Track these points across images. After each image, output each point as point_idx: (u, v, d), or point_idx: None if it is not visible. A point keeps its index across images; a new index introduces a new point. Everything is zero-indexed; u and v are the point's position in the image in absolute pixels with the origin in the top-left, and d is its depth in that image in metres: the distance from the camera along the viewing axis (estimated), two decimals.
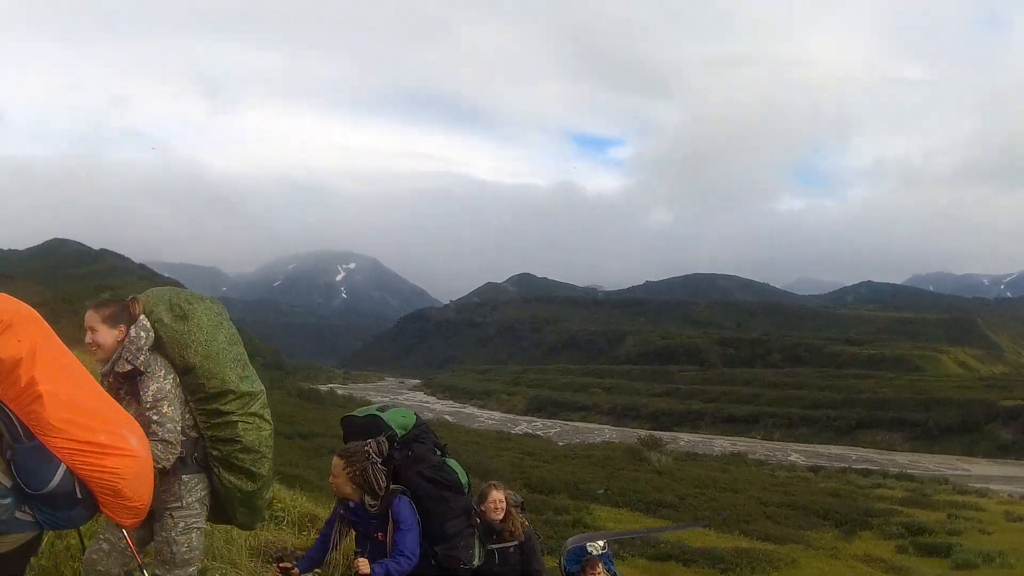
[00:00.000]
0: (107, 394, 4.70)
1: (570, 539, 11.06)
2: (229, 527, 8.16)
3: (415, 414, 6.32)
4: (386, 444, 5.88)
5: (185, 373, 5.08)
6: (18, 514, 4.23)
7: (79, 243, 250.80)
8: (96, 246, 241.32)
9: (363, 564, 5.54)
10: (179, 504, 5.07)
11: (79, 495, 4.31)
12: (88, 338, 5.07)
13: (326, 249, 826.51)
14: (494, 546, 7.20)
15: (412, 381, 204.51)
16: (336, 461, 5.88)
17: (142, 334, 5.01)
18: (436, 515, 5.97)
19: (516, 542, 7.39)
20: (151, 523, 5.10)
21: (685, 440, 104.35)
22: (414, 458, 6.00)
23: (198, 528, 5.18)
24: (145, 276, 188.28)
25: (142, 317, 5.09)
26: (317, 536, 6.47)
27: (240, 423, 5.16)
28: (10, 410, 4.14)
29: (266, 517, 6.08)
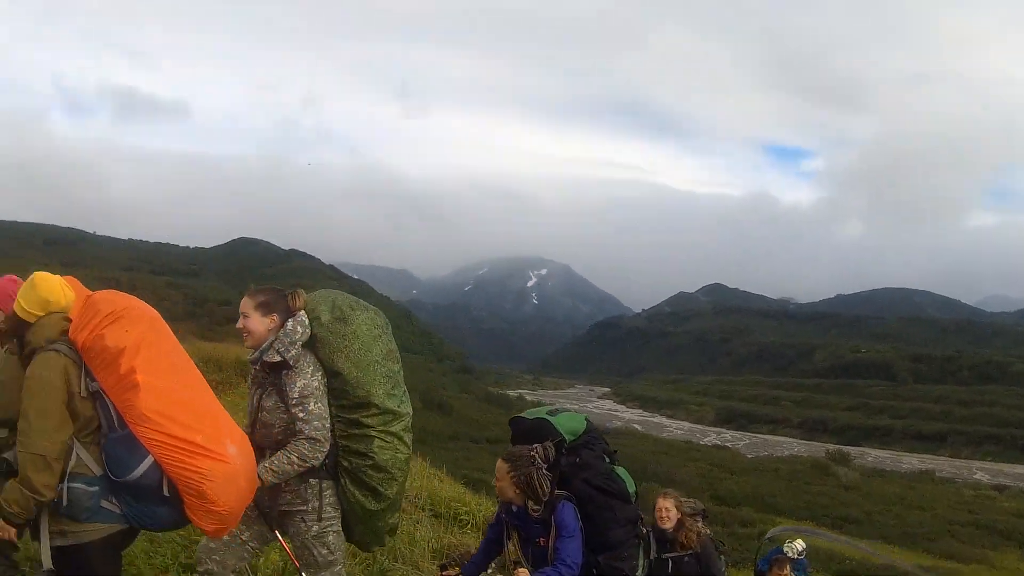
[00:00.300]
0: (218, 403, 4.71)
1: (772, 529, 11.91)
2: (413, 529, 8.66)
3: (586, 419, 6.16)
4: (552, 450, 5.74)
5: (332, 377, 5.02)
6: (104, 503, 4.32)
7: (268, 243, 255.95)
8: (285, 246, 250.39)
9: (523, 574, 5.46)
10: (305, 508, 5.02)
11: (166, 492, 4.32)
12: (240, 323, 5.06)
13: (518, 255, 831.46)
14: (668, 555, 7.29)
15: (601, 389, 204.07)
16: (500, 465, 5.77)
17: (299, 328, 4.98)
18: (600, 523, 5.75)
19: (691, 551, 7.46)
20: (280, 523, 5.15)
21: (873, 456, 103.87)
22: (581, 465, 5.81)
23: (334, 531, 5.12)
24: (335, 278, 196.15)
25: (302, 312, 5.07)
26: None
27: (377, 439, 5.05)
28: (108, 399, 4.26)
29: (386, 544, 6.07)
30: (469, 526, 10.25)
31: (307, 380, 4.91)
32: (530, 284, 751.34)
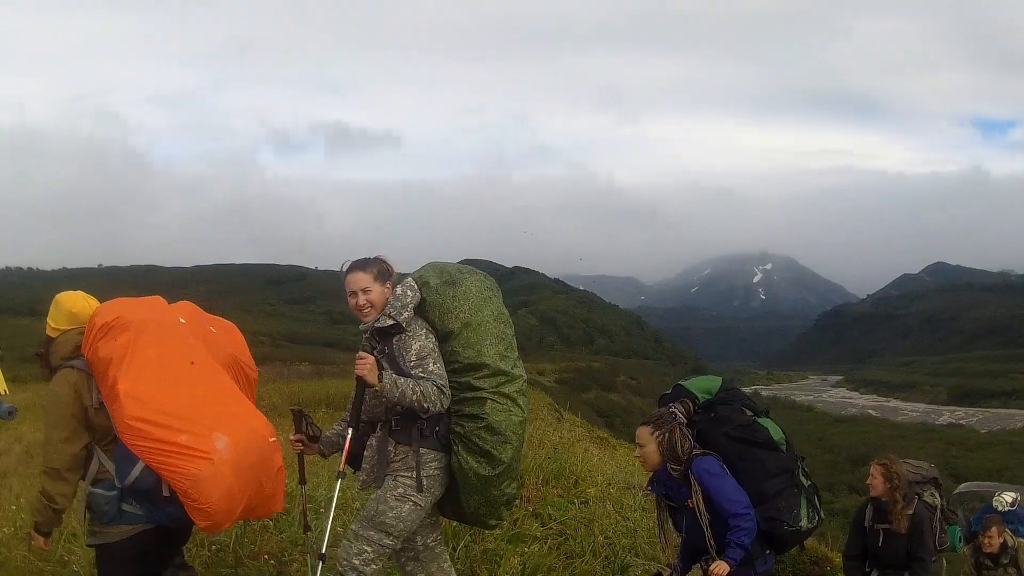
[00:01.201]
0: (225, 391, 4.76)
1: (963, 485, 11.34)
2: (653, 524, 7.77)
3: (722, 379, 5.91)
4: (691, 406, 5.62)
5: (444, 340, 4.87)
6: (125, 507, 4.50)
7: (491, 262, 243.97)
8: (509, 264, 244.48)
9: (719, 567, 5.15)
10: (409, 474, 4.84)
11: (167, 493, 4.40)
12: (360, 300, 4.94)
13: (741, 252, 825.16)
14: (880, 526, 6.94)
15: (834, 378, 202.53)
16: (642, 430, 5.57)
17: (408, 292, 4.90)
18: (750, 476, 5.37)
19: (904, 526, 6.90)
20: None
21: None
22: (717, 419, 5.57)
23: (415, 503, 4.84)
24: (561, 291, 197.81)
25: (410, 279, 4.99)
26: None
27: (490, 401, 4.83)
28: (108, 409, 4.39)
29: (504, 518, 5.48)
30: None
31: (423, 342, 4.79)
32: (756, 280, 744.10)
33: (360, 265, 5.03)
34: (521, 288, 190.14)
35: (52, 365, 4.63)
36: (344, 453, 5.00)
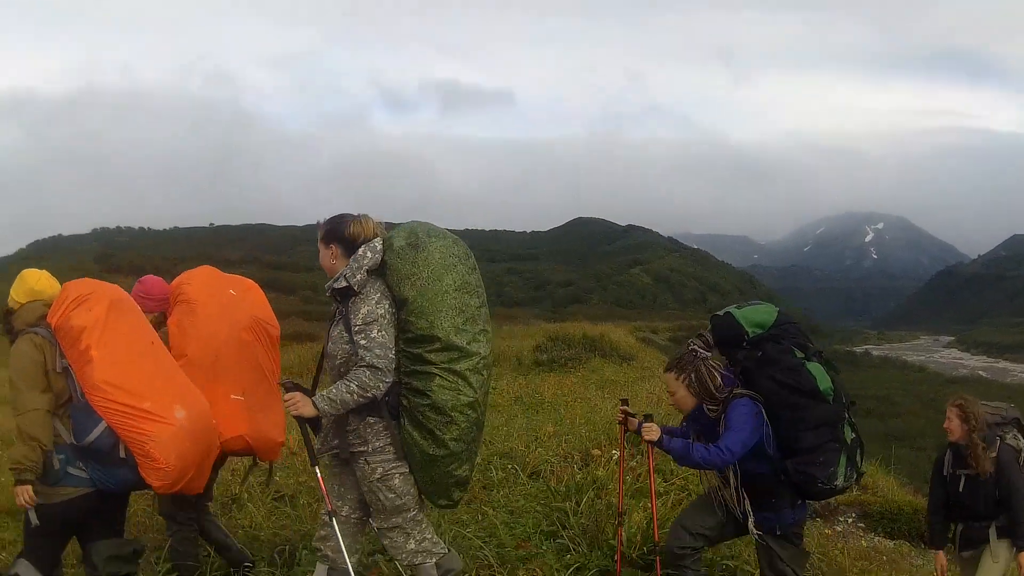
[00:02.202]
0: (180, 372, 5.07)
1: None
2: None
3: (777, 311, 5.37)
4: (710, 337, 5.33)
5: (400, 307, 4.61)
6: (71, 469, 4.67)
7: (605, 220, 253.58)
8: (623, 222, 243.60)
9: (649, 430, 5.12)
10: (366, 449, 4.65)
11: (123, 455, 4.69)
12: (326, 260, 4.84)
13: (853, 211, 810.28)
14: (961, 471, 6.16)
15: (946, 338, 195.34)
16: (667, 376, 5.34)
17: (368, 254, 4.65)
18: (789, 425, 5.07)
19: (987, 469, 6.05)
20: (350, 466, 4.85)
21: None
22: (764, 359, 5.16)
23: (400, 473, 4.69)
24: (674, 249, 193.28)
25: (377, 239, 4.74)
26: None
27: (438, 377, 4.54)
28: (73, 373, 4.68)
29: (456, 500, 4.98)
30: None
31: (372, 307, 4.56)
32: (868, 239, 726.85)
33: (319, 224, 4.91)
34: (634, 246, 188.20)
35: (16, 331, 4.84)
36: (323, 491, 4.92)
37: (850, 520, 8.96)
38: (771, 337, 5.24)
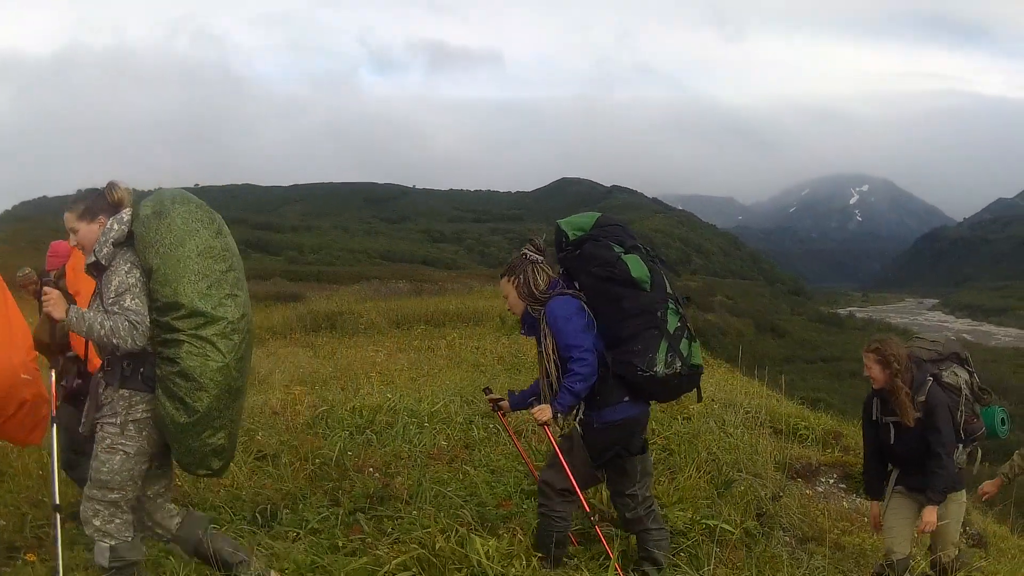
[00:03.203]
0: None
1: None
2: (755, 441, 8.50)
3: (599, 215, 5.40)
4: (541, 241, 5.40)
5: (148, 276, 4.49)
6: None
7: (590, 181, 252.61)
8: (607, 183, 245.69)
9: (540, 412, 5.10)
10: (114, 420, 4.51)
11: None
12: (72, 241, 4.74)
13: (839, 173, 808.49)
14: (888, 418, 5.73)
15: (930, 301, 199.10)
16: (502, 281, 5.44)
17: (114, 226, 4.55)
18: (610, 316, 5.08)
19: (911, 417, 5.57)
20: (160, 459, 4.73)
21: None
22: (582, 256, 5.20)
23: (124, 452, 4.52)
24: (659, 210, 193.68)
25: (126, 209, 4.63)
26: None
27: (186, 344, 4.44)
28: None
29: (216, 468, 4.80)
30: (809, 440, 10.00)
31: (122, 278, 4.48)
32: (853, 201, 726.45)
33: (69, 204, 4.74)
34: (618, 207, 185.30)
35: None
36: (52, 396, 5.15)
37: (831, 481, 8.89)
38: (591, 237, 5.24)
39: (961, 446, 5.86)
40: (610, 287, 5.09)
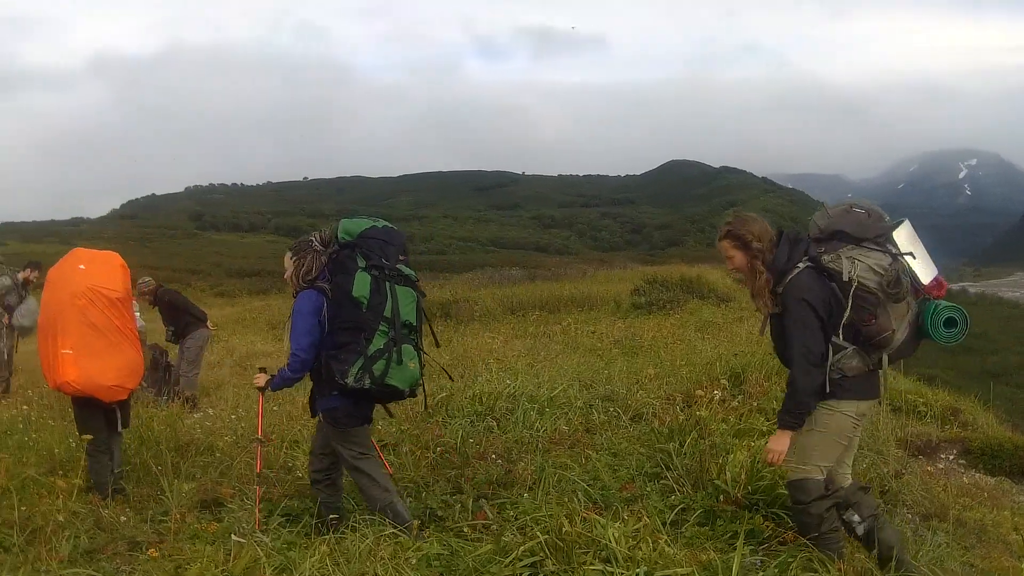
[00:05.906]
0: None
1: None
2: (876, 419, 8.12)
3: (371, 226, 5.40)
4: (328, 233, 5.56)
5: None
6: None
7: (699, 162, 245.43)
8: (716, 164, 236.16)
9: (258, 379, 5.73)
10: None
11: None
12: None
13: (946, 148, 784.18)
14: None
15: None
16: (286, 256, 5.64)
17: None
18: (332, 321, 5.33)
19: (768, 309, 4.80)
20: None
21: None
22: (334, 261, 5.43)
23: None
24: (769, 190, 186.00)
25: None
26: None
27: None
28: None
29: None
30: (928, 416, 9.88)
31: None
32: (961, 176, 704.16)
33: None
34: (728, 187, 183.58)
35: None
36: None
37: (951, 457, 8.73)
38: (350, 245, 5.38)
39: (851, 350, 4.72)
40: (340, 296, 5.29)
